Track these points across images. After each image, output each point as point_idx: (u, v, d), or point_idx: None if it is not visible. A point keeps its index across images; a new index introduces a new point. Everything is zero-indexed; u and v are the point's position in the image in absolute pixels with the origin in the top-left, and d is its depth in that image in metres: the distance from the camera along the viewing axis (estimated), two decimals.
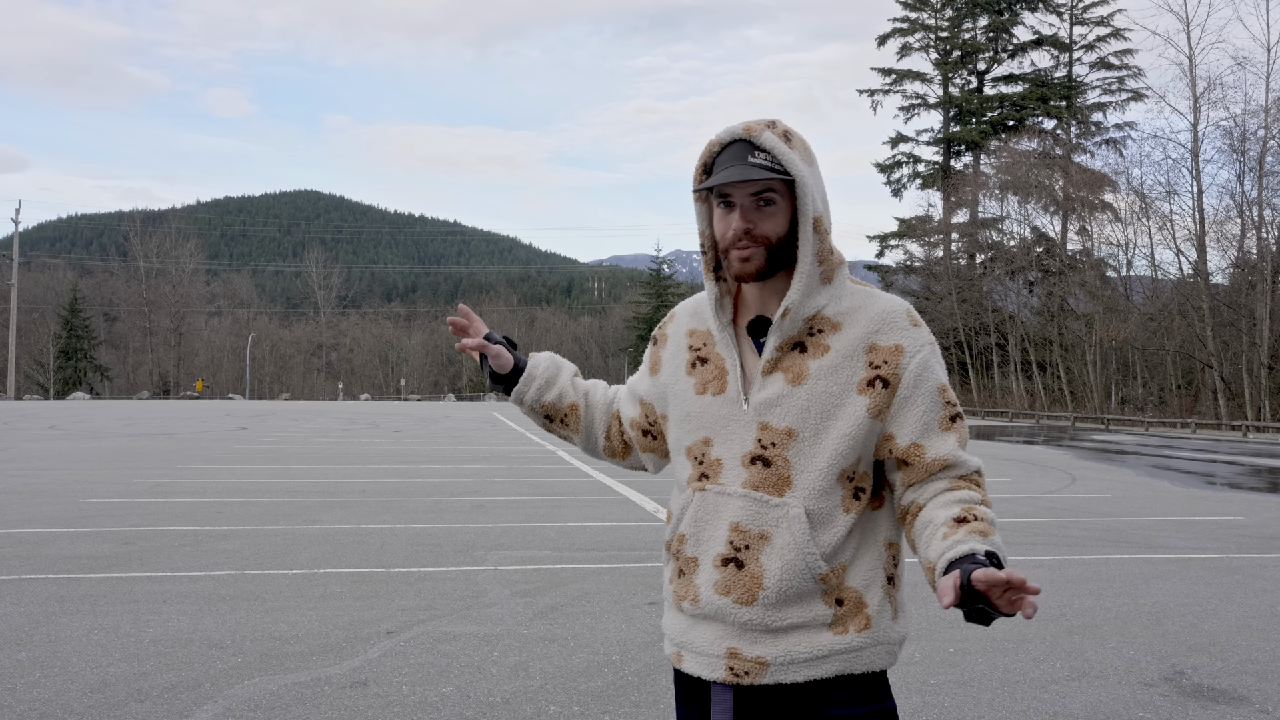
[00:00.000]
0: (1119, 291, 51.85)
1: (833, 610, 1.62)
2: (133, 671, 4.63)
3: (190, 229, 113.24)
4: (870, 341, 1.64)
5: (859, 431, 1.62)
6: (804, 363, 1.64)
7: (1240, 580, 7.35)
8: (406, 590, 6.52)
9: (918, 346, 1.66)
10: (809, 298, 1.65)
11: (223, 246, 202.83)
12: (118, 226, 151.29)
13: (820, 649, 1.60)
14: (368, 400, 76.62)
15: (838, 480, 1.62)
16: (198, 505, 10.66)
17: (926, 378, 1.65)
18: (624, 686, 4.55)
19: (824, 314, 1.66)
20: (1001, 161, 57.46)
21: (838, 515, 1.62)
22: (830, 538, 1.62)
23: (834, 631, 1.61)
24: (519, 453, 19.46)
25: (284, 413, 42.34)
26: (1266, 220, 43.48)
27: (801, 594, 1.61)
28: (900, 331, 1.66)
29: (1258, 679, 4.81)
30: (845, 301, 1.68)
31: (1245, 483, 15.85)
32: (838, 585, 1.63)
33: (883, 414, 1.64)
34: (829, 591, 1.62)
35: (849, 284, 1.71)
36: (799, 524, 1.59)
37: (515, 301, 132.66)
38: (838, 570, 1.63)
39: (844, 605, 1.62)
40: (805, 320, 1.66)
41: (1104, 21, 58.48)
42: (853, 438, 1.62)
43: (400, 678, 4.61)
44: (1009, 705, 4.36)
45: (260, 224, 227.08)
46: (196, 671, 4.65)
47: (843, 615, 1.62)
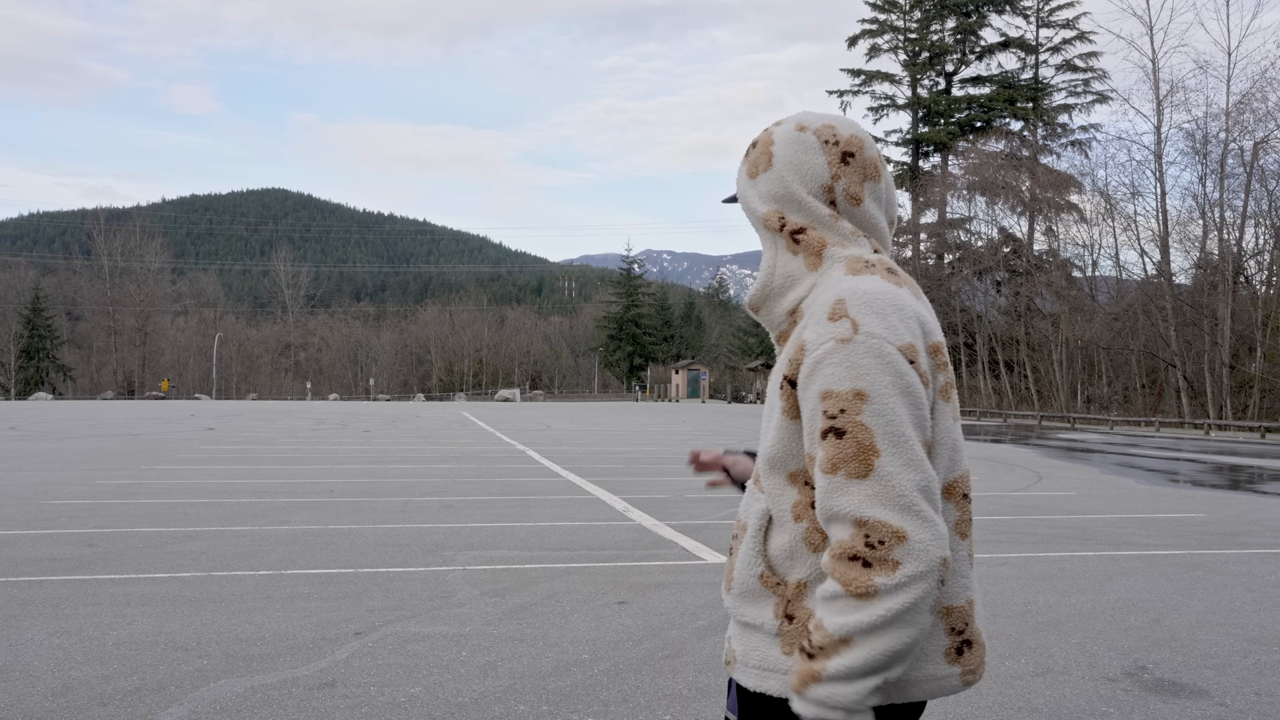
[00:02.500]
0: (1085, 292, 52.43)
1: (780, 623, 1.51)
2: (95, 675, 4.58)
3: (155, 227, 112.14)
4: (800, 338, 1.52)
5: (782, 433, 1.52)
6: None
7: (1201, 576, 7.46)
8: (375, 591, 6.48)
9: (818, 343, 1.45)
10: (789, 289, 1.60)
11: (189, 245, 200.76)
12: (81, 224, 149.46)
13: (767, 662, 1.52)
14: (336, 400, 76.09)
15: (787, 480, 1.53)
16: (163, 506, 10.55)
17: (812, 380, 1.44)
18: (593, 686, 4.55)
19: (801, 306, 1.58)
20: (969, 162, 57.93)
21: (787, 521, 1.52)
22: (782, 542, 1.53)
23: (782, 649, 1.50)
24: (489, 452, 19.40)
25: (251, 413, 41.97)
26: (1228, 222, 44.14)
27: (753, 593, 1.55)
28: (814, 325, 1.48)
29: (1217, 673, 4.88)
30: (818, 290, 1.56)
31: (1207, 480, 16.08)
32: (790, 599, 1.51)
33: (795, 418, 1.51)
34: (779, 603, 1.51)
35: (836, 269, 1.57)
36: (756, 519, 1.57)
37: (485, 301, 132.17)
38: (790, 584, 1.51)
39: (794, 623, 1.50)
40: (788, 314, 1.60)
41: (1069, 24, 59.13)
42: (780, 442, 1.53)
43: (368, 679, 4.58)
44: (974, 701, 4.40)
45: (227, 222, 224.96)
46: (161, 674, 4.60)
47: (791, 634, 1.49)
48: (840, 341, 1.43)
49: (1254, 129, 42.02)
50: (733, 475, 1.98)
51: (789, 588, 1.51)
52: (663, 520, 9.91)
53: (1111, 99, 55.79)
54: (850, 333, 1.43)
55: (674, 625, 5.67)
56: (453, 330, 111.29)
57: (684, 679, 4.65)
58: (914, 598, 1.34)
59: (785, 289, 1.60)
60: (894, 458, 1.37)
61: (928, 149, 63.69)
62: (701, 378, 79.57)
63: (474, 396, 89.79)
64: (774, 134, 1.66)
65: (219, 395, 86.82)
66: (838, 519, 1.38)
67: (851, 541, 1.36)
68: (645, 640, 5.33)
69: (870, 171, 1.63)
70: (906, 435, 1.39)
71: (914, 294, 1.57)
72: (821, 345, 1.44)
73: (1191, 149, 45.57)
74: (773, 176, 1.63)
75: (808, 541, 1.50)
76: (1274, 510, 11.84)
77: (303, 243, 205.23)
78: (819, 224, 1.60)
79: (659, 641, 5.31)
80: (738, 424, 34.96)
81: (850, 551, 1.36)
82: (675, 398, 79.38)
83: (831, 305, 1.47)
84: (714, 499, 11.73)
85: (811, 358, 1.45)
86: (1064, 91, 60.11)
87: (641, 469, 16.01)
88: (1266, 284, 43.89)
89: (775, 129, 1.67)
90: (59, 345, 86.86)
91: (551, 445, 21.85)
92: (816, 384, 1.43)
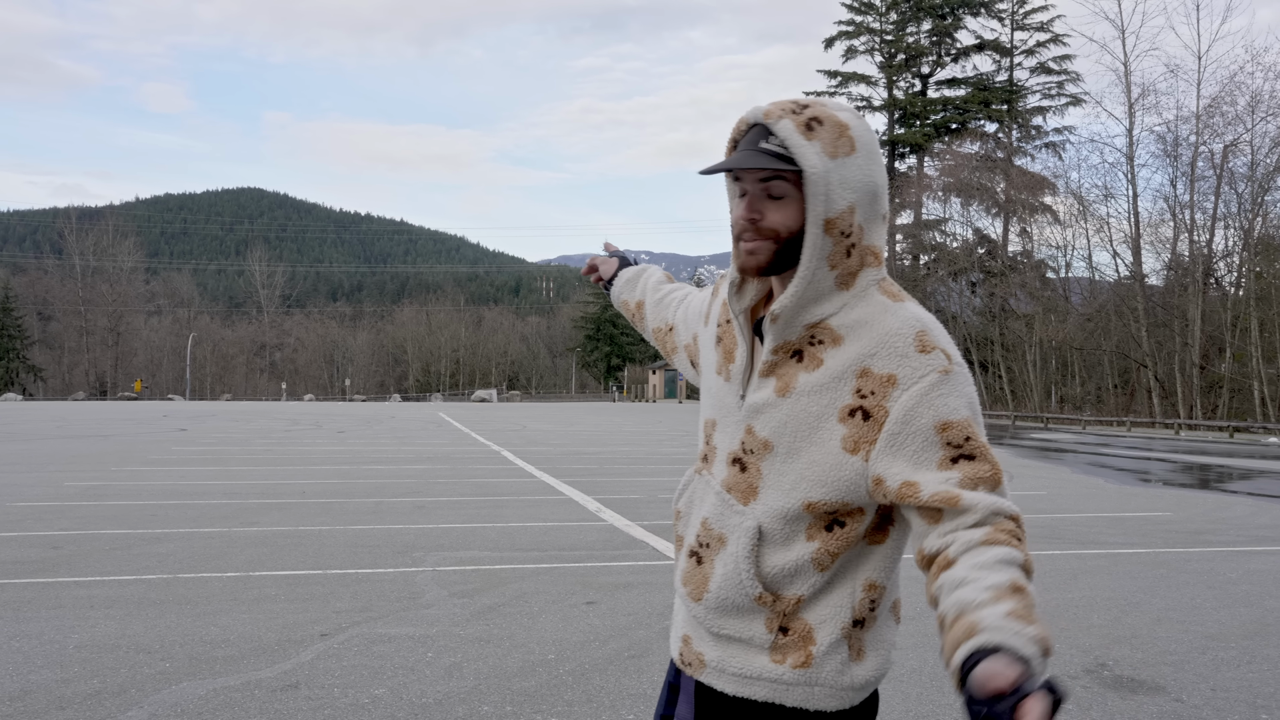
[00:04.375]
0: (1058, 292, 52.90)
1: (774, 636, 1.51)
2: (55, 678, 4.54)
3: (129, 226, 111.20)
4: (864, 365, 1.46)
5: (829, 462, 1.47)
6: (795, 374, 1.51)
7: (1164, 574, 7.54)
8: (343, 592, 6.46)
9: (916, 377, 1.43)
10: (813, 303, 1.50)
11: (163, 244, 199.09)
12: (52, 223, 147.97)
13: (752, 670, 1.53)
14: (312, 401, 75.70)
15: (804, 507, 1.49)
16: (131, 508, 10.47)
17: (920, 414, 1.42)
18: (558, 686, 4.55)
19: (828, 323, 1.50)
20: (945, 164, 58.37)
21: (796, 541, 1.50)
22: (781, 561, 1.51)
23: (771, 658, 1.51)
24: (464, 453, 19.36)
25: (225, 414, 41.68)
26: (1198, 224, 44.65)
27: (740, 609, 1.53)
28: (899, 359, 1.44)
29: (1175, 669, 4.94)
30: (857, 312, 1.49)
31: (1175, 479, 16.25)
32: (786, 613, 1.51)
33: (863, 451, 1.45)
34: (773, 617, 1.52)
35: (875, 293, 1.51)
36: (747, 537, 1.52)
37: (462, 301, 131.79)
38: (788, 600, 1.51)
39: (789, 634, 1.51)
40: (806, 327, 1.51)
41: (1043, 27, 59.67)
42: (821, 467, 1.47)
43: (332, 680, 4.57)
44: (937, 700, 4.44)
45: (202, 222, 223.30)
46: (122, 677, 4.57)
47: (784, 645, 1.51)
48: (943, 373, 1.44)
49: (1223, 132, 42.59)
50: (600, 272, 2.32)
51: (785, 602, 1.51)
52: (635, 520, 9.92)
53: (1084, 101, 56.43)
54: (947, 364, 1.45)
55: (641, 625, 5.68)
56: (429, 331, 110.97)
57: (649, 679, 4.66)
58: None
59: (812, 302, 1.50)
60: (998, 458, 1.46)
61: (904, 150, 64.09)
62: (679, 378, 79.67)
63: (451, 397, 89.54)
64: (841, 116, 1.50)
65: (193, 396, 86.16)
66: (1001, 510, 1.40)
67: (1019, 529, 1.39)
68: (612, 640, 5.34)
69: None
70: None
71: None
72: (924, 379, 1.43)
73: (1163, 151, 46.18)
74: (859, 164, 1.48)
75: (816, 563, 1.50)
76: (1239, 509, 11.99)
77: (278, 242, 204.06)
78: (872, 231, 1.52)
79: (625, 641, 5.32)
80: None
81: (1018, 533, 1.38)
82: (652, 398, 79.45)
83: (917, 337, 1.46)
84: None
85: (914, 391, 1.43)
86: (1038, 94, 60.69)
87: (616, 469, 16.02)
88: (1236, 285, 44.42)
89: (834, 110, 1.51)
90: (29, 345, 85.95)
91: (527, 446, 21.83)
92: (928, 416, 1.42)
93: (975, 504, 1.38)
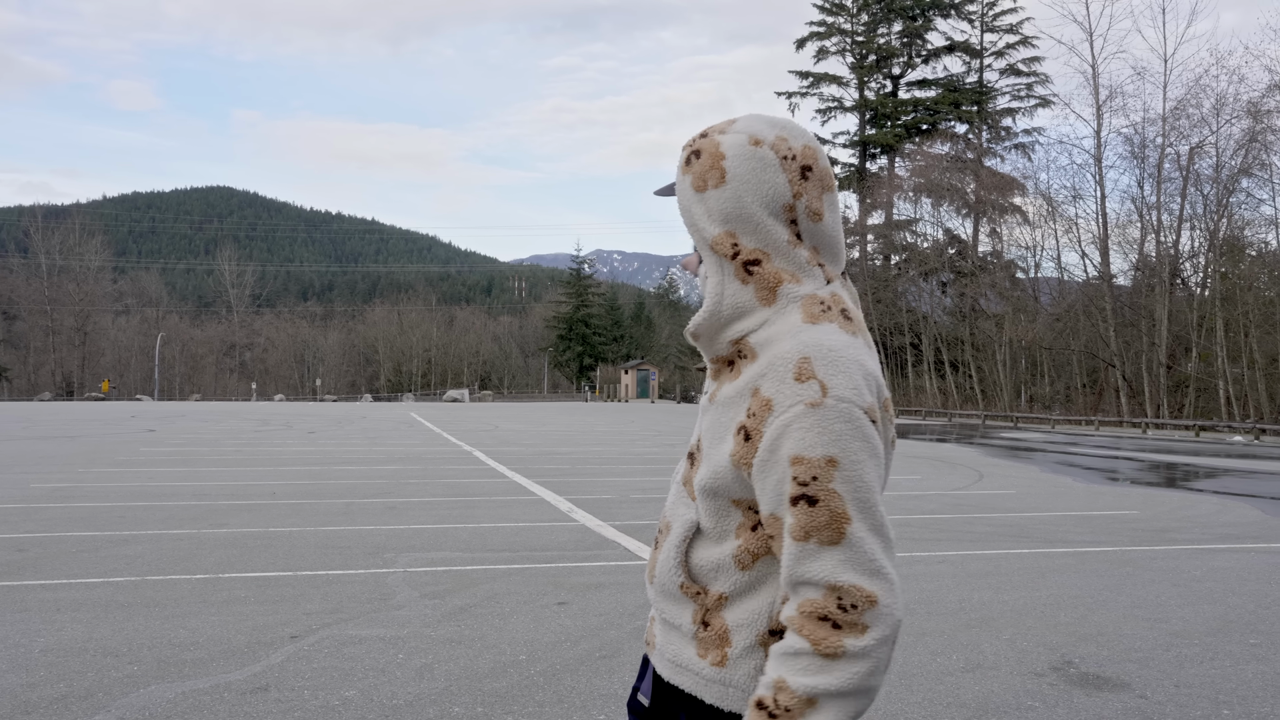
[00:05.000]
0: (1028, 293, 53.37)
1: (696, 628, 1.53)
2: (20, 683, 4.49)
3: (96, 225, 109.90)
4: (756, 385, 1.47)
5: (724, 472, 1.49)
6: (724, 382, 1.55)
7: (1130, 572, 7.64)
8: (313, 594, 6.43)
9: (786, 405, 1.40)
10: (736, 320, 1.53)
11: (130, 243, 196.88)
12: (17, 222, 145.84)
13: (682, 658, 1.56)
14: (282, 401, 75.13)
15: (731, 504, 1.51)
16: (99, 510, 10.36)
17: (782, 444, 1.40)
18: (529, 687, 4.56)
19: (748, 339, 1.52)
20: (915, 164, 58.71)
21: (728, 539, 1.52)
22: (710, 555, 1.54)
23: (696, 650, 1.54)
24: (435, 454, 19.29)
25: (194, 414, 41.29)
26: (1165, 225, 45.18)
27: (672, 595, 1.57)
28: (778, 384, 1.43)
29: (1139, 666, 5.01)
30: (772, 329, 1.50)
31: (1142, 478, 16.45)
32: (709, 608, 1.53)
33: (744, 470, 1.46)
34: (698, 610, 1.54)
35: (793, 311, 1.51)
36: (683, 527, 1.56)
37: (434, 301, 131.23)
38: (712, 595, 1.53)
39: (709, 629, 1.52)
40: (731, 343, 1.54)
41: (1013, 29, 60.15)
42: (720, 476, 1.50)
43: (302, 682, 4.55)
44: (905, 698, 4.48)
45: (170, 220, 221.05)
46: (89, 681, 4.53)
47: (705, 639, 1.53)
48: (810, 406, 1.38)
49: (1189, 134, 43.10)
50: None
51: (709, 597, 1.52)
52: (606, 521, 9.93)
53: (1053, 103, 56.86)
54: (819, 396, 1.39)
55: (612, 625, 5.69)
56: (401, 330, 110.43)
57: (619, 679, 4.67)
58: (878, 661, 1.35)
59: (733, 319, 1.53)
60: (863, 523, 1.37)
61: (875, 151, 64.44)
62: (651, 378, 79.73)
63: (422, 397, 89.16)
64: (723, 145, 1.54)
65: (161, 396, 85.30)
66: (809, 584, 1.37)
67: (824, 602, 1.35)
68: (583, 641, 5.35)
69: (827, 182, 1.56)
70: (874, 500, 1.39)
71: (867, 344, 1.53)
72: (790, 408, 1.40)
73: (1130, 153, 46.72)
74: (727, 194, 1.52)
75: (737, 560, 1.51)
76: (1204, 507, 12.15)
77: (248, 241, 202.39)
78: (775, 253, 1.52)
79: (597, 642, 5.33)
80: (686, 424, 35.07)
81: (821, 612, 1.35)
82: (625, 398, 79.44)
83: (797, 364, 1.42)
84: (658, 499, 11.77)
85: (779, 420, 1.40)
86: (1007, 95, 61.20)
87: (588, 469, 16.01)
88: (1201, 286, 44.99)
89: (722, 138, 1.54)
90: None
91: (499, 446, 21.78)
92: (785, 448, 1.39)
93: (786, 567, 1.39)
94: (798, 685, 1.34)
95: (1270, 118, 39.92)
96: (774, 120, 1.56)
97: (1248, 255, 42.95)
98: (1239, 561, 8.22)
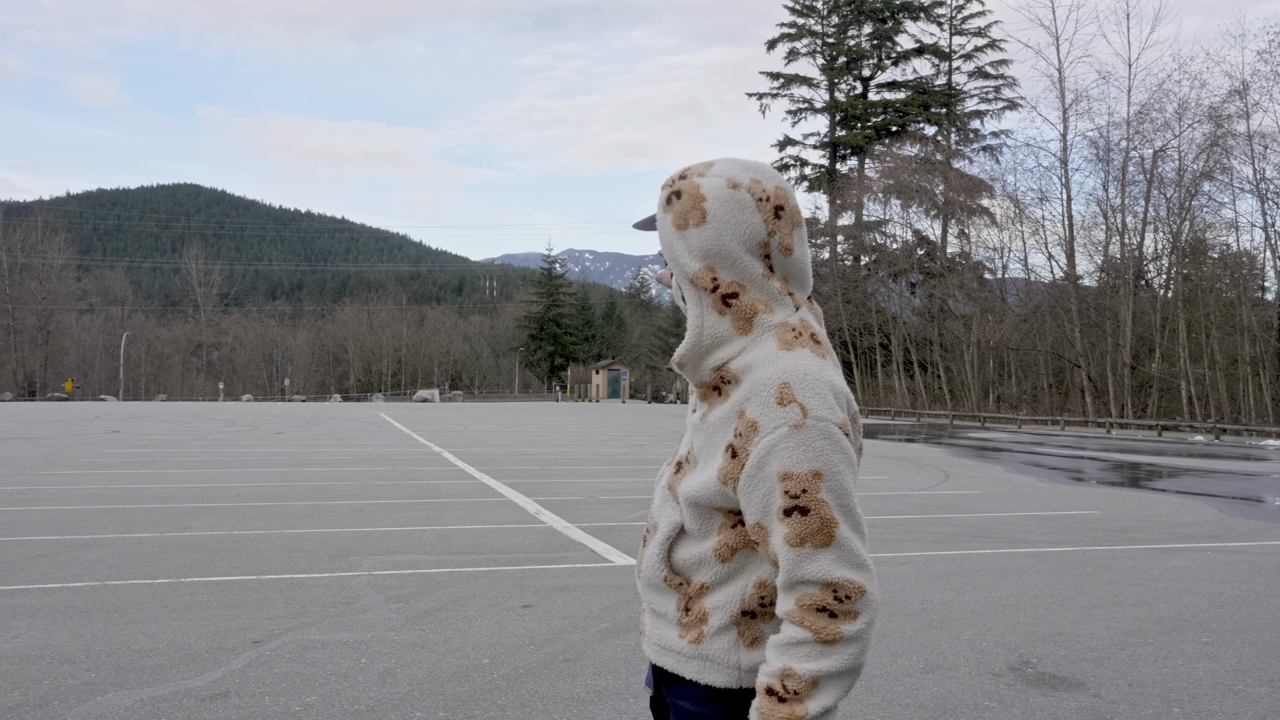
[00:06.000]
0: (995, 293, 53.81)
1: (680, 614, 1.73)
2: None
3: (59, 222, 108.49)
4: (741, 408, 1.62)
5: (711, 487, 1.65)
6: (714, 405, 1.69)
7: (1090, 572, 7.74)
8: (277, 598, 6.40)
9: (771, 428, 1.56)
10: (715, 348, 1.68)
11: (95, 241, 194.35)
12: None
13: (665, 641, 1.74)
14: (250, 401, 74.48)
15: (714, 509, 1.67)
16: (59, 513, 10.24)
17: (769, 462, 1.56)
18: (491, 691, 4.56)
19: (729, 366, 1.67)
20: (885, 166, 59.04)
21: (710, 537, 1.69)
22: (694, 551, 1.71)
23: (679, 633, 1.73)
24: (404, 454, 19.21)
25: (160, 415, 40.86)
26: (1129, 227, 45.74)
27: (658, 587, 1.75)
28: (762, 408, 1.59)
29: (1095, 665, 5.09)
30: (751, 355, 1.65)
31: (1105, 478, 16.66)
32: (692, 596, 1.72)
33: (730, 485, 1.62)
34: (681, 598, 1.73)
35: (769, 339, 1.66)
36: (668, 527, 1.74)
37: (405, 300, 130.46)
38: (695, 585, 1.70)
39: (690, 614, 1.71)
40: (714, 370, 1.68)
41: (981, 32, 60.67)
42: (707, 489, 1.65)
43: (263, 688, 4.53)
44: (865, 699, 4.52)
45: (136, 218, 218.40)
46: (45, 689, 4.49)
47: (687, 623, 1.72)
48: (793, 427, 1.55)
49: (1153, 138, 43.63)
50: None
51: (691, 587, 1.71)
52: (574, 523, 9.94)
53: (1021, 106, 57.28)
54: (801, 418, 1.56)
55: (577, 629, 5.70)
56: (371, 330, 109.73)
57: (582, 682, 4.69)
58: (867, 641, 1.55)
59: (713, 348, 1.68)
60: (847, 525, 1.55)
61: (845, 152, 64.75)
62: (622, 378, 79.73)
63: (392, 397, 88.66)
64: (703, 188, 1.68)
65: (127, 396, 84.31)
66: (807, 583, 1.54)
67: (821, 596, 1.53)
68: (547, 644, 5.36)
69: (797, 219, 1.70)
70: (853, 504, 1.57)
71: (834, 364, 1.69)
72: (775, 430, 1.56)
73: (1095, 156, 47.24)
74: (707, 233, 1.67)
75: (718, 554, 1.68)
76: (1164, 506, 12.33)
77: (216, 239, 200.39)
78: (751, 285, 1.67)
79: (561, 645, 5.34)
80: (657, 424, 35.12)
81: (819, 604, 1.53)
82: (596, 398, 79.38)
83: (779, 389, 1.58)
84: (626, 501, 11.80)
85: (765, 441, 1.56)
86: (976, 98, 61.70)
87: (557, 470, 16.01)
88: (1165, 287, 45.57)
89: (702, 181, 1.68)
90: None
91: (468, 447, 21.72)
92: (773, 466, 1.55)
93: (785, 570, 1.55)
94: (804, 670, 1.52)
95: (1230, 122, 40.52)
96: (748, 164, 1.72)
97: (1209, 258, 43.58)
98: (1195, 561, 8.35)
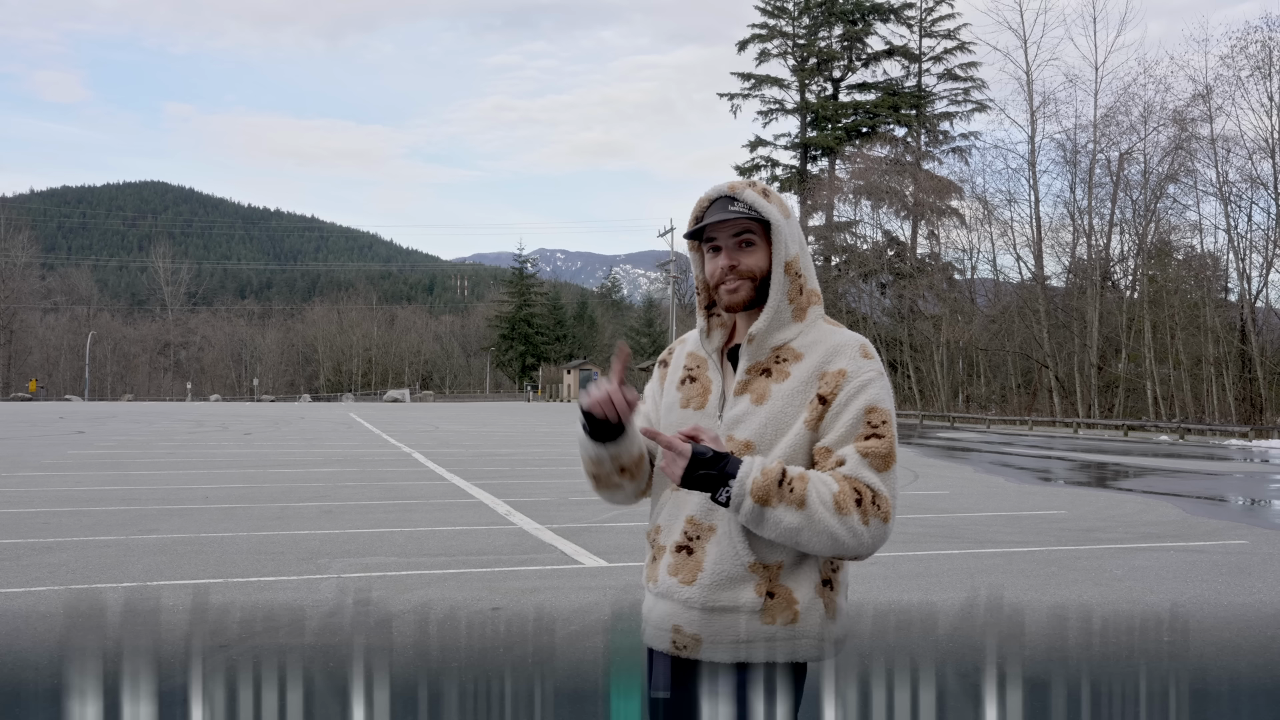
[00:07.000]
0: (964, 294, 54.28)
1: (763, 600, 1.83)
2: None
3: (22, 220, 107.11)
4: (823, 369, 1.89)
5: (797, 440, 1.87)
6: (768, 386, 1.91)
7: (1055, 572, 7.82)
8: (243, 602, 6.34)
9: (862, 373, 1.88)
10: (777, 330, 1.93)
11: (59, 239, 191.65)
12: None
13: (748, 634, 1.83)
14: (218, 401, 73.81)
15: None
16: (21, 516, 10.11)
17: (859, 398, 1.86)
18: (460, 695, 4.54)
19: (791, 345, 1.93)
20: (855, 167, 59.42)
21: None
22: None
23: (763, 620, 1.83)
24: (374, 455, 19.11)
25: (126, 415, 40.43)
26: (1096, 229, 46.27)
27: (734, 579, 1.85)
28: (849, 360, 1.89)
29: (1059, 666, 5.14)
30: (810, 336, 1.93)
31: (1072, 478, 16.84)
32: (770, 579, 1.84)
33: (816, 426, 1.87)
34: (761, 583, 1.84)
35: (821, 323, 1.97)
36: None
37: (375, 299, 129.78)
38: (772, 567, 1.85)
39: (775, 598, 1.84)
40: (772, 350, 1.93)
41: (950, 35, 61.18)
42: (792, 446, 1.86)
43: (230, 693, 4.49)
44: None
45: (102, 216, 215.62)
46: (4, 696, 4.43)
47: (772, 607, 1.83)
48: (880, 374, 1.90)
49: (1119, 141, 44.20)
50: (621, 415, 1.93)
51: (770, 570, 1.85)
52: (544, 524, 9.92)
53: (989, 108, 57.87)
54: (882, 370, 1.92)
55: (545, 631, 5.70)
56: (341, 329, 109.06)
57: (552, 685, 4.68)
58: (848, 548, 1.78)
59: (777, 329, 1.93)
60: (898, 464, 1.87)
61: (816, 153, 65.06)
62: (594, 377, 78.86)
63: (363, 397, 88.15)
64: (772, 192, 1.97)
65: (92, 396, 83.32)
66: (861, 480, 1.80)
67: (865, 490, 1.79)
68: (516, 646, 5.35)
69: None
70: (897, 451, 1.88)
71: None
72: (865, 374, 1.88)
73: (1063, 159, 47.73)
74: (794, 225, 1.97)
75: None
76: (1129, 506, 12.47)
77: (184, 238, 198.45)
78: (811, 279, 1.99)
79: (530, 648, 5.34)
80: None
81: (859, 492, 1.79)
82: (567, 398, 79.31)
83: (861, 348, 1.91)
84: (596, 501, 11.78)
85: (858, 381, 1.87)
86: (945, 100, 62.26)
87: (527, 471, 15.99)
88: (1131, 289, 46.14)
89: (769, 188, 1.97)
90: None
91: (438, 448, 21.64)
92: (862, 400, 1.86)
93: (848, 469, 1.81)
94: (808, 494, 1.76)
95: (1194, 126, 41.08)
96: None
97: (1174, 259, 44.15)
98: (1158, 560, 8.46)
